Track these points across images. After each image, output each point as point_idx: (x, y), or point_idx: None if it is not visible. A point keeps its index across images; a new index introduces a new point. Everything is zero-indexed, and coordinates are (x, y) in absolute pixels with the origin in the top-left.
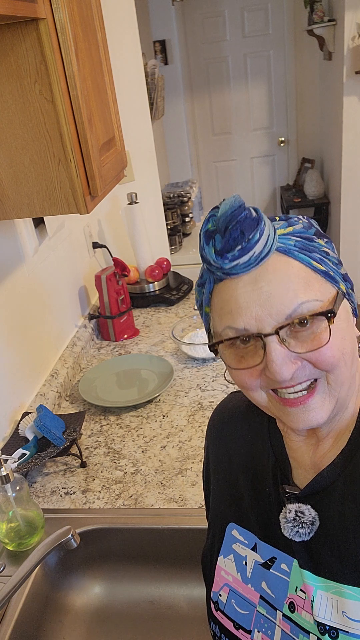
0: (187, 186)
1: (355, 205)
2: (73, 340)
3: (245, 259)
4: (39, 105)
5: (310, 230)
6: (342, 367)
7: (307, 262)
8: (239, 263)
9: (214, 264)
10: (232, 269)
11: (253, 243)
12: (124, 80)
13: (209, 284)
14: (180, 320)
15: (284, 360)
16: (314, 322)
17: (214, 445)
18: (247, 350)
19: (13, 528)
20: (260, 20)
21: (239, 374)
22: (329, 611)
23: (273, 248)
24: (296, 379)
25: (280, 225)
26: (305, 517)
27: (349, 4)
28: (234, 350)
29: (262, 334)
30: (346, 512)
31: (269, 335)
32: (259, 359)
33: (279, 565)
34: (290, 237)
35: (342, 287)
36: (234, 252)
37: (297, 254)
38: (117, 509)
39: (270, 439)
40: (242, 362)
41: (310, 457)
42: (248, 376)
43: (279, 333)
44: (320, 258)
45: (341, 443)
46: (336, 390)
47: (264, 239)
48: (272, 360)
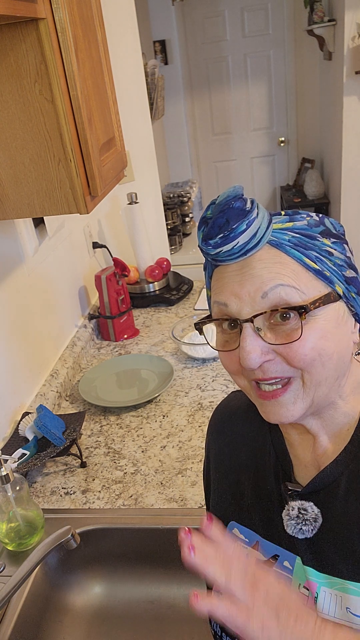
0: (187, 186)
1: (355, 205)
2: (73, 340)
3: (227, 247)
4: (39, 105)
5: (316, 228)
6: (319, 367)
7: (299, 259)
8: (221, 250)
9: (202, 248)
10: (217, 255)
11: (237, 233)
12: (124, 80)
13: (209, 269)
14: (180, 320)
15: (253, 348)
16: (294, 318)
17: (215, 444)
18: (231, 336)
19: (13, 528)
20: (260, 20)
21: (222, 356)
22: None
23: (263, 241)
24: (267, 372)
25: (280, 219)
26: (308, 514)
27: (349, 4)
28: (221, 334)
29: (240, 319)
30: (350, 509)
31: (245, 322)
32: (237, 345)
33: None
34: (287, 232)
35: (339, 288)
36: (216, 239)
37: (289, 249)
38: (117, 509)
39: (272, 437)
40: (225, 346)
41: (310, 456)
42: (230, 360)
43: (253, 321)
44: (317, 257)
45: (341, 441)
46: (311, 390)
47: (251, 230)
48: (242, 346)
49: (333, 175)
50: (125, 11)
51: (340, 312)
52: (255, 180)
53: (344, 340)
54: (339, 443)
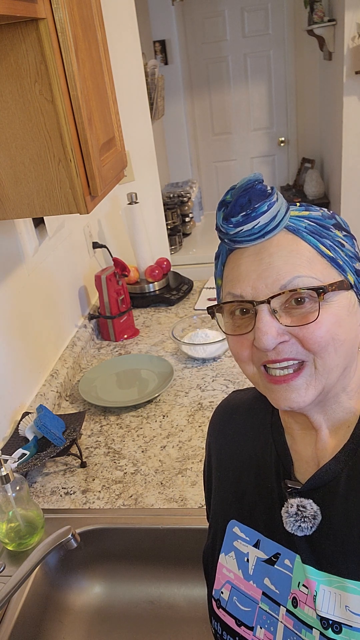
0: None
1: (355, 205)
2: (73, 340)
3: (248, 226)
4: (39, 105)
5: (329, 220)
6: (331, 352)
7: (315, 245)
8: (242, 230)
9: (221, 228)
10: (236, 235)
11: (259, 213)
12: (124, 80)
13: (222, 256)
14: (180, 320)
15: (269, 329)
16: (309, 302)
17: (216, 443)
18: (243, 321)
19: (13, 528)
20: (260, 20)
21: (232, 342)
22: (332, 606)
23: (282, 224)
24: (282, 353)
25: (296, 208)
26: (307, 512)
27: (349, 4)
28: (232, 320)
29: (255, 301)
30: (350, 507)
31: (261, 303)
32: (251, 327)
33: (282, 560)
34: (304, 219)
35: (351, 278)
36: (238, 217)
37: (305, 235)
38: (117, 509)
39: (273, 435)
40: (236, 331)
41: (311, 451)
42: (240, 345)
43: (270, 302)
44: (331, 245)
45: (342, 438)
46: (323, 376)
47: (271, 212)
48: (258, 327)
49: (333, 175)
50: (125, 11)
51: (352, 300)
52: None
53: (353, 329)
54: (339, 440)
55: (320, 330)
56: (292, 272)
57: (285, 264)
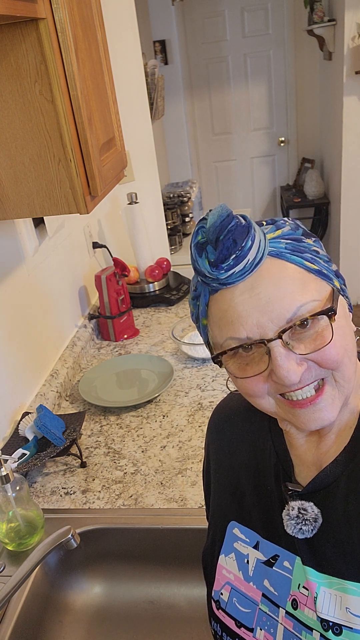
0: (187, 186)
1: (355, 205)
2: (73, 340)
3: (240, 267)
4: (39, 105)
5: (297, 231)
6: (347, 363)
7: (300, 263)
8: (234, 272)
9: (210, 275)
10: (229, 278)
11: (246, 250)
12: (124, 80)
13: (204, 296)
14: (180, 320)
15: (290, 364)
16: (314, 322)
17: (215, 444)
18: (251, 357)
19: (13, 528)
20: (260, 20)
21: (244, 382)
22: (332, 607)
23: (265, 253)
24: (304, 381)
25: (268, 229)
26: (308, 515)
27: (349, 4)
28: (237, 360)
29: (265, 339)
30: (350, 509)
31: (273, 340)
32: (265, 366)
33: (282, 562)
34: (280, 240)
35: (336, 283)
36: (229, 261)
37: (289, 256)
38: (117, 509)
39: (272, 437)
40: (247, 371)
41: (313, 455)
42: (255, 384)
43: (282, 337)
44: (312, 257)
45: (343, 440)
46: (344, 387)
47: (255, 245)
48: (279, 365)
49: (333, 175)
50: (125, 11)
51: (344, 305)
52: (255, 180)
53: (351, 331)
54: (341, 442)
55: (335, 348)
56: (293, 302)
57: (284, 296)
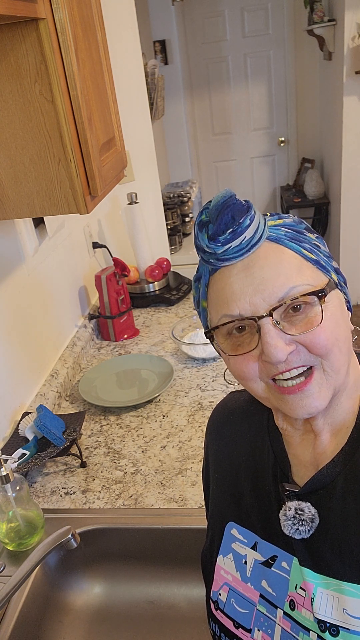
0: (187, 186)
1: (355, 205)
2: (73, 340)
3: (236, 242)
4: (39, 105)
5: (300, 225)
6: (337, 353)
7: (298, 251)
8: (230, 247)
9: (207, 249)
10: (225, 253)
11: (244, 227)
12: (124, 80)
13: (205, 277)
14: (180, 320)
15: (278, 341)
16: (307, 307)
17: (214, 444)
18: (243, 338)
19: (13, 528)
20: (260, 20)
21: (236, 361)
22: (329, 608)
23: (264, 235)
24: (291, 362)
25: (270, 218)
26: (305, 515)
27: (349, 4)
28: (230, 339)
29: (256, 316)
30: (347, 510)
31: (263, 317)
32: (255, 344)
33: (280, 563)
34: (281, 227)
35: (334, 277)
36: (226, 235)
37: (288, 242)
38: (117, 509)
39: (270, 438)
40: (239, 350)
41: (310, 455)
42: (245, 363)
43: (272, 315)
44: (311, 248)
45: (340, 440)
46: (333, 378)
47: (254, 224)
48: (267, 341)
49: (333, 175)
50: (125, 11)
51: (341, 299)
52: (255, 180)
53: (347, 326)
54: (338, 442)
55: (325, 333)
56: (286, 283)
57: (279, 276)
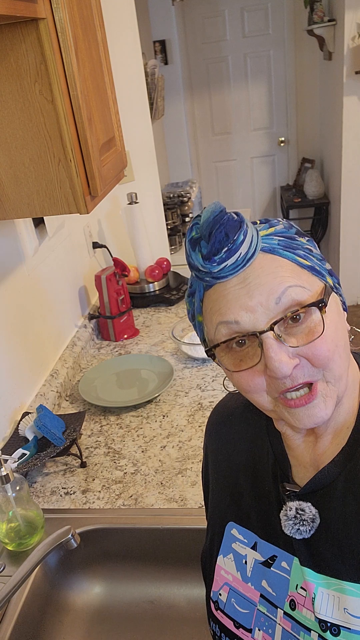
0: (187, 186)
1: (355, 205)
2: (73, 340)
3: (232, 260)
4: (39, 105)
5: (291, 230)
6: (337, 360)
7: (293, 259)
8: (226, 265)
9: (202, 269)
10: (221, 271)
11: (238, 244)
12: (124, 80)
13: (199, 292)
14: (180, 320)
15: (282, 355)
16: (306, 316)
17: (213, 444)
18: (245, 352)
19: (13, 528)
20: (260, 20)
21: (240, 377)
22: (330, 608)
23: (258, 248)
24: (296, 378)
25: (261, 227)
26: (305, 515)
27: (349, 4)
28: (231, 355)
29: (257, 331)
30: (347, 509)
31: (264, 332)
32: (257, 359)
33: (280, 563)
34: (273, 236)
35: (329, 280)
36: (221, 254)
37: (282, 252)
38: (117, 509)
39: (270, 438)
40: (241, 365)
41: (310, 455)
42: (250, 378)
43: (274, 329)
44: (305, 254)
45: (340, 441)
46: (335, 386)
47: (248, 239)
48: (271, 356)
49: (333, 175)
50: (125, 11)
51: (337, 302)
52: (255, 180)
53: (344, 328)
54: (338, 443)
55: (326, 343)
56: (281, 283)
57: (274, 278)
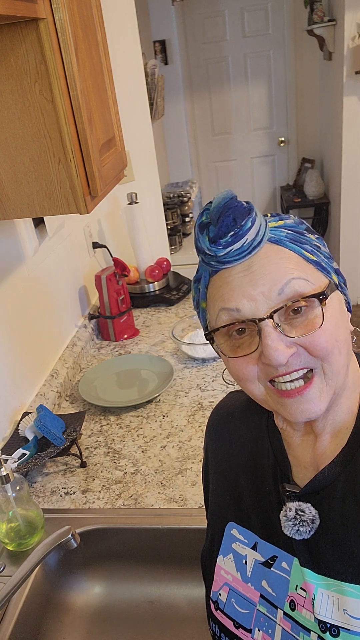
0: (187, 186)
1: (355, 205)
2: (73, 340)
3: (238, 245)
4: (39, 105)
5: (301, 226)
6: (337, 354)
7: (299, 252)
8: (232, 249)
9: (208, 252)
10: (226, 255)
11: (245, 230)
12: (124, 80)
13: (205, 278)
14: (180, 320)
15: (279, 344)
16: (307, 309)
17: (213, 444)
18: (243, 340)
19: (13, 528)
20: (260, 20)
21: (235, 363)
22: (329, 609)
23: (265, 237)
24: (291, 365)
25: (271, 219)
26: (305, 516)
27: (349, 4)
28: (230, 341)
29: (257, 318)
30: (347, 510)
31: (263, 319)
32: (255, 346)
33: (280, 563)
34: (282, 229)
35: (335, 278)
36: (227, 238)
37: (288, 244)
38: (117, 509)
39: (270, 438)
40: (238, 352)
41: (310, 456)
42: (245, 365)
43: (273, 317)
44: (312, 249)
45: (340, 441)
46: (333, 380)
47: (255, 226)
48: (267, 344)
49: (333, 175)
50: (125, 11)
51: (341, 300)
52: (255, 180)
53: (346, 327)
54: (338, 443)
55: (325, 335)
56: (285, 274)
57: (278, 269)
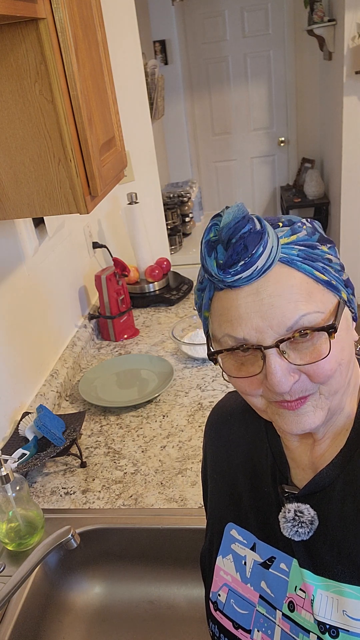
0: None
1: (355, 205)
2: (73, 340)
3: (247, 273)
4: (39, 105)
5: (314, 236)
6: (337, 377)
7: (310, 273)
8: (241, 277)
9: (216, 276)
10: (235, 282)
11: (256, 257)
12: (124, 80)
13: (209, 291)
14: (180, 320)
15: (283, 373)
16: (314, 334)
17: (212, 445)
18: (247, 358)
19: (13, 528)
20: (260, 20)
21: (238, 381)
22: (329, 610)
23: (276, 260)
24: (295, 393)
25: (284, 233)
26: (304, 517)
27: (349, 4)
28: (233, 358)
29: (262, 345)
30: (346, 512)
31: (269, 347)
32: (259, 369)
33: (278, 564)
34: (294, 246)
35: (344, 295)
36: (237, 267)
37: (300, 265)
38: (117, 509)
39: (269, 439)
40: (242, 370)
41: (308, 458)
42: (249, 385)
43: (279, 346)
44: (323, 267)
45: (339, 443)
46: (328, 400)
47: (267, 252)
48: (272, 372)
49: (333, 175)
50: (125, 11)
51: (348, 316)
52: (255, 180)
53: (351, 344)
54: (337, 445)
55: (329, 363)
56: (295, 311)
57: (288, 303)
